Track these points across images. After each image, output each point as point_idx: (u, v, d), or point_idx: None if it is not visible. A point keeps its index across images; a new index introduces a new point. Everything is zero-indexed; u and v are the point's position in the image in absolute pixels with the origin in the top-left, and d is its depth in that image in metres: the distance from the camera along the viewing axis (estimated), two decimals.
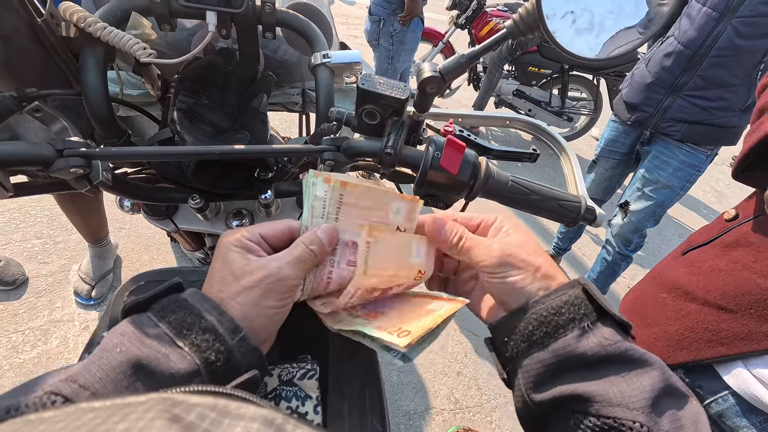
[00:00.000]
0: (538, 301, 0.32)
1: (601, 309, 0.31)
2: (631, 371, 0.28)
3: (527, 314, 0.31)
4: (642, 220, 1.57)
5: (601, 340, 0.29)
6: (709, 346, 0.62)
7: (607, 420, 0.27)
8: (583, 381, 0.28)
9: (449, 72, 0.41)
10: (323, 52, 0.54)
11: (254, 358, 0.28)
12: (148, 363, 0.24)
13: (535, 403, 0.30)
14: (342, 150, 0.47)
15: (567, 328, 0.30)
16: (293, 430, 0.15)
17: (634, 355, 0.29)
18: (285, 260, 0.31)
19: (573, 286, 0.32)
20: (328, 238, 0.34)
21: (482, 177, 0.45)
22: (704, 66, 1.30)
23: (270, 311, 0.30)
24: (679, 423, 0.26)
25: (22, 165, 0.38)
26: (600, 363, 0.29)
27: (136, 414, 0.13)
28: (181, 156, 0.45)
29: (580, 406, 0.28)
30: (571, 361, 0.29)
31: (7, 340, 1.39)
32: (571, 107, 3.21)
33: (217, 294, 0.30)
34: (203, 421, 0.14)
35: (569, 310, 0.30)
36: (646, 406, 0.26)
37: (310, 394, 0.34)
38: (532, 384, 0.31)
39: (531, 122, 0.60)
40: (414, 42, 2.23)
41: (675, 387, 0.28)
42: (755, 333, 0.57)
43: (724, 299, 0.61)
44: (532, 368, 0.31)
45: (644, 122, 1.48)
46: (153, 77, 0.56)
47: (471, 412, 1.50)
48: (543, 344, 0.30)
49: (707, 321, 0.63)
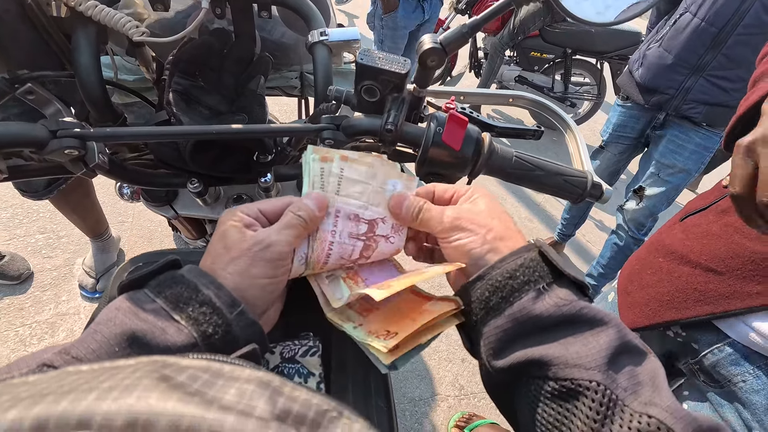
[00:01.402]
0: (493, 266, 0.31)
1: (557, 270, 0.30)
2: (587, 331, 0.28)
3: (483, 281, 0.31)
4: (657, 204, 1.56)
5: (556, 300, 0.29)
6: (696, 305, 0.65)
7: (564, 382, 0.27)
8: (540, 345, 0.28)
9: (450, 43, 0.40)
10: (320, 30, 0.53)
11: (253, 332, 0.27)
12: (143, 336, 0.24)
13: (496, 370, 0.30)
14: (341, 128, 0.45)
15: (522, 291, 0.30)
16: (291, 392, 0.14)
17: (589, 314, 0.28)
18: (273, 228, 0.31)
19: (529, 249, 0.32)
20: (316, 204, 0.34)
21: (485, 153, 0.44)
22: (729, 44, 1.26)
23: (262, 281, 0.30)
24: (637, 379, 0.26)
25: (14, 147, 0.37)
26: (556, 325, 0.29)
27: (123, 374, 0.12)
28: (177, 136, 0.44)
29: (539, 370, 0.28)
30: (528, 325, 0.29)
31: (14, 333, 1.41)
32: (574, 92, 3.17)
33: (210, 266, 0.30)
34: (195, 381, 0.13)
35: (524, 272, 0.30)
36: (602, 365, 0.26)
37: (313, 371, 0.33)
38: (492, 351, 0.30)
39: (534, 99, 0.59)
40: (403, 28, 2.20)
41: (632, 344, 0.28)
42: (739, 293, 0.60)
43: (713, 261, 0.63)
44: (491, 335, 0.30)
45: (664, 105, 1.44)
46: (147, 59, 0.55)
47: (476, 398, 1.50)
48: (499, 309, 0.30)
49: (696, 282, 0.65)
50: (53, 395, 0.11)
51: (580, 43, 2.92)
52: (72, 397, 0.11)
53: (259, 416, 0.12)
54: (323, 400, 0.14)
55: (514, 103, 0.59)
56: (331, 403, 0.14)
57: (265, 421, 0.12)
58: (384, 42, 2.28)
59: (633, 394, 0.25)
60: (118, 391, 0.11)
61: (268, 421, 0.12)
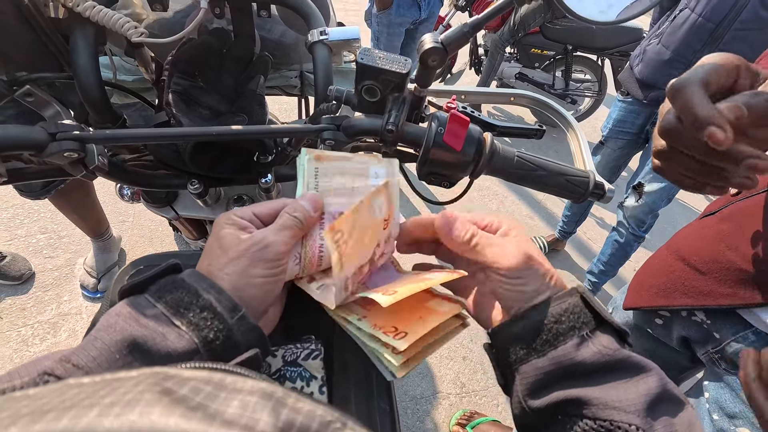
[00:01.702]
0: (537, 307, 0.31)
1: (599, 317, 0.31)
2: (629, 377, 0.28)
3: (528, 321, 0.31)
4: (657, 200, 1.56)
5: (600, 348, 0.29)
6: (682, 297, 0.74)
7: (603, 423, 0.27)
8: (581, 387, 0.29)
9: (451, 42, 0.40)
10: (320, 29, 0.53)
11: (254, 336, 0.27)
12: (144, 342, 0.24)
13: (532, 410, 0.30)
14: (342, 129, 0.45)
15: (567, 336, 0.30)
16: (294, 404, 0.14)
17: (632, 361, 0.29)
18: (269, 229, 0.31)
19: (572, 294, 0.32)
20: (311, 204, 0.34)
21: (487, 153, 0.43)
22: (726, 39, 1.26)
23: (258, 280, 0.30)
24: (673, 428, 0.27)
25: (13, 150, 0.37)
26: (598, 371, 0.29)
27: (125, 388, 0.12)
28: (177, 138, 0.44)
29: (577, 409, 0.28)
30: (570, 369, 0.29)
31: (17, 334, 1.41)
32: (575, 89, 3.16)
33: (206, 268, 0.30)
34: (197, 394, 0.13)
35: (569, 318, 0.30)
36: (641, 410, 0.27)
37: (315, 375, 0.33)
38: (529, 390, 0.31)
39: (536, 98, 0.58)
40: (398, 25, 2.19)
41: (671, 393, 0.29)
42: (715, 292, 0.68)
43: (699, 263, 0.72)
44: (530, 374, 0.30)
45: (661, 100, 1.45)
46: (146, 60, 0.55)
47: (477, 396, 1.51)
48: (542, 351, 0.30)
49: (684, 278, 0.74)
50: (54, 411, 0.11)
51: (581, 40, 2.90)
52: (73, 414, 0.11)
53: (262, 430, 0.12)
54: (327, 411, 0.14)
55: (516, 101, 0.59)
56: (335, 413, 0.14)
57: None
58: (380, 39, 2.27)
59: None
60: (119, 407, 0.11)
61: None
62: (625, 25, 2.82)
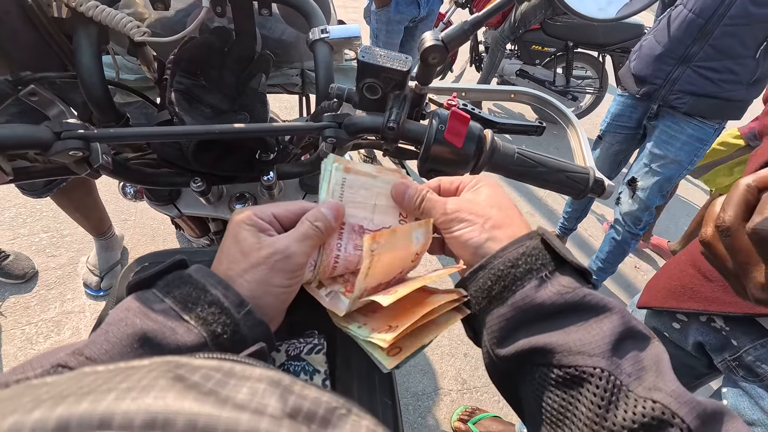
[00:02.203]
0: (495, 255, 0.31)
1: (560, 258, 0.30)
2: (590, 318, 0.28)
3: (485, 270, 0.31)
4: (650, 196, 1.56)
5: (559, 288, 0.29)
6: (689, 300, 0.76)
7: (569, 369, 0.26)
8: (544, 332, 0.28)
9: (452, 40, 0.40)
10: (321, 27, 0.53)
11: (261, 331, 0.28)
12: (154, 336, 0.24)
13: (500, 359, 0.30)
14: (343, 126, 0.46)
15: (524, 280, 0.29)
16: (301, 391, 0.14)
17: (592, 301, 0.28)
18: (292, 237, 0.31)
19: (531, 237, 0.32)
20: (333, 214, 0.33)
21: (488, 150, 0.44)
22: (716, 35, 1.27)
23: (278, 290, 0.30)
24: (641, 365, 0.26)
25: (19, 148, 0.38)
26: (559, 312, 0.28)
27: (139, 374, 0.13)
28: (180, 136, 0.45)
29: (543, 358, 0.28)
30: (531, 313, 0.29)
31: (21, 332, 1.42)
32: (575, 86, 3.15)
33: (225, 272, 0.30)
34: (208, 381, 0.13)
35: (526, 261, 0.30)
36: (606, 351, 0.26)
37: (318, 369, 0.34)
38: (495, 340, 0.30)
39: (536, 95, 0.59)
40: (397, 23, 2.18)
41: (636, 330, 0.28)
42: (720, 299, 0.71)
43: (708, 270, 0.74)
44: (494, 324, 0.30)
45: (653, 95, 1.46)
46: (149, 59, 0.55)
47: (478, 392, 1.51)
48: (502, 298, 0.30)
49: (693, 283, 0.77)
50: (74, 396, 0.11)
51: (582, 36, 2.90)
52: (92, 398, 0.11)
53: (271, 414, 0.12)
54: (332, 397, 0.14)
55: (516, 98, 0.59)
56: (340, 400, 0.15)
57: (278, 419, 0.12)
58: (378, 37, 2.27)
59: (637, 380, 0.25)
60: (136, 392, 0.12)
61: (280, 419, 0.12)
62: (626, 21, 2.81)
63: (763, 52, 1.26)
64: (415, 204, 0.37)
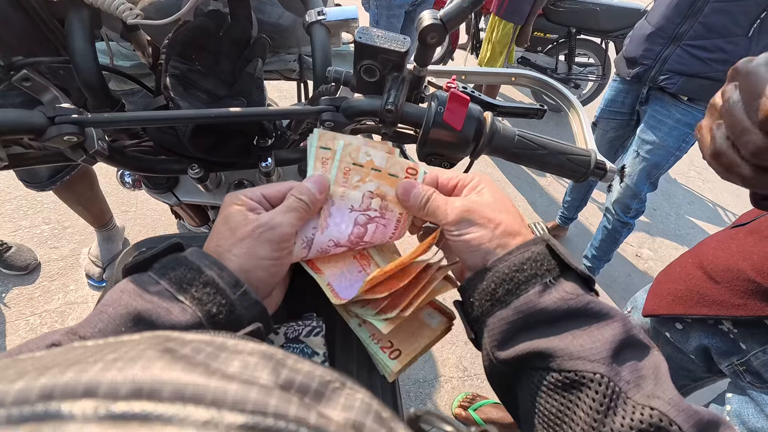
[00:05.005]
0: (501, 258, 0.31)
1: (564, 264, 0.30)
2: (592, 324, 0.28)
3: (490, 273, 0.31)
4: (639, 183, 1.54)
5: (563, 294, 0.29)
6: (697, 305, 0.73)
7: (569, 374, 0.27)
8: (545, 337, 0.28)
9: (451, 18, 0.39)
10: (318, 9, 0.52)
11: (257, 311, 0.28)
12: (148, 315, 0.24)
13: (500, 361, 0.30)
14: (341, 110, 0.45)
15: (529, 285, 0.30)
16: (294, 365, 0.14)
17: (595, 308, 0.29)
18: (277, 210, 0.32)
19: (536, 242, 0.32)
20: (317, 186, 0.34)
21: (487, 132, 0.43)
22: (706, 12, 1.24)
23: (266, 262, 0.30)
24: (640, 373, 0.27)
25: (12, 134, 0.37)
26: (562, 318, 0.29)
27: (127, 347, 0.13)
28: (176, 120, 0.44)
29: (543, 362, 0.28)
30: (534, 318, 0.29)
31: (25, 323, 1.43)
32: (578, 73, 3.11)
33: (214, 248, 0.30)
34: (198, 354, 0.13)
35: (531, 266, 0.30)
36: (606, 357, 0.27)
37: (317, 351, 0.34)
38: (496, 342, 0.31)
39: (537, 77, 0.58)
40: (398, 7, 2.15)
41: (636, 338, 0.28)
42: (727, 302, 0.68)
43: (715, 272, 0.72)
44: (496, 326, 0.30)
45: (643, 76, 1.43)
46: (142, 43, 0.54)
47: (479, 379, 1.53)
48: (505, 302, 0.30)
49: (700, 286, 0.74)
50: (58, 367, 0.11)
51: (585, 22, 2.85)
52: (77, 368, 0.11)
53: (263, 384, 0.12)
54: (326, 371, 0.14)
55: (517, 81, 0.58)
56: (334, 374, 0.14)
57: (269, 389, 0.12)
58: (379, 23, 2.23)
59: (636, 387, 0.26)
60: (122, 362, 0.11)
61: (271, 389, 0.12)
62: (629, 6, 2.76)
63: (757, 30, 1.22)
64: (420, 203, 0.36)
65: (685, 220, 2.64)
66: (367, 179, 0.37)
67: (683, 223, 2.61)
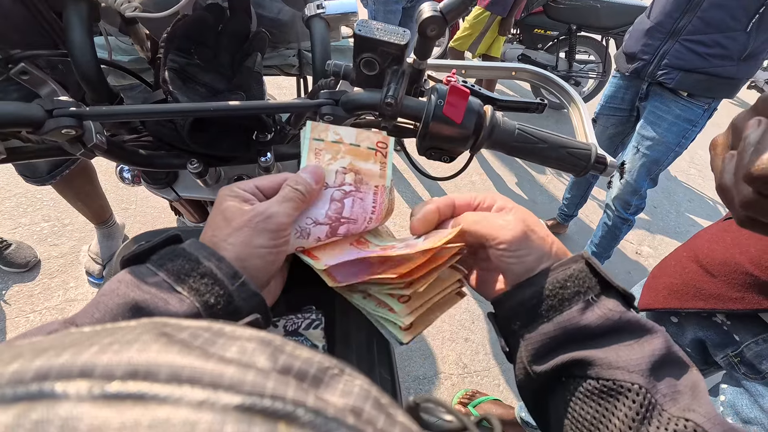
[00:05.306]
0: (541, 274, 0.32)
1: (604, 282, 0.31)
2: (635, 339, 0.29)
3: (532, 288, 0.31)
4: (638, 179, 1.54)
5: (605, 311, 0.29)
6: (693, 299, 0.73)
7: (606, 382, 0.27)
8: (586, 349, 0.29)
9: (450, 10, 0.39)
10: (317, 3, 0.51)
11: (255, 303, 0.28)
12: (146, 306, 0.24)
13: (537, 374, 0.31)
14: (341, 104, 0.45)
15: (572, 301, 0.30)
16: (293, 351, 0.14)
17: (637, 324, 0.29)
18: (272, 200, 0.32)
19: (576, 260, 0.32)
20: (312, 177, 0.34)
21: (488, 126, 0.43)
22: (704, 7, 1.24)
23: (262, 251, 0.30)
24: (677, 388, 0.27)
25: (10, 127, 0.37)
26: (605, 334, 0.29)
27: (124, 332, 0.12)
28: (174, 114, 0.44)
29: (581, 370, 0.29)
30: (575, 333, 0.30)
31: (25, 320, 1.43)
32: (578, 71, 3.10)
33: (210, 238, 0.30)
34: (196, 339, 0.13)
35: (574, 283, 0.31)
36: (645, 370, 0.27)
37: (316, 344, 0.34)
38: (534, 356, 0.31)
39: (537, 72, 0.57)
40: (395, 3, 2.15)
41: (676, 356, 0.29)
42: (724, 296, 0.68)
43: (711, 265, 0.71)
44: (535, 340, 0.31)
45: (642, 71, 1.43)
46: (141, 37, 0.54)
47: (479, 376, 1.53)
48: (547, 317, 0.30)
49: (696, 280, 0.73)
50: (54, 350, 0.11)
51: (586, 19, 2.84)
52: (73, 350, 0.11)
53: (260, 368, 0.12)
54: (325, 358, 0.14)
55: (518, 76, 0.58)
56: (333, 361, 0.14)
57: (266, 372, 0.12)
58: (376, 18, 2.23)
59: (672, 401, 0.26)
60: (118, 345, 0.11)
61: (268, 372, 0.12)
62: (630, 3, 2.76)
63: (755, 25, 1.22)
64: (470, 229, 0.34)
65: (685, 218, 2.64)
66: (338, 156, 0.38)
67: (683, 220, 2.61)
